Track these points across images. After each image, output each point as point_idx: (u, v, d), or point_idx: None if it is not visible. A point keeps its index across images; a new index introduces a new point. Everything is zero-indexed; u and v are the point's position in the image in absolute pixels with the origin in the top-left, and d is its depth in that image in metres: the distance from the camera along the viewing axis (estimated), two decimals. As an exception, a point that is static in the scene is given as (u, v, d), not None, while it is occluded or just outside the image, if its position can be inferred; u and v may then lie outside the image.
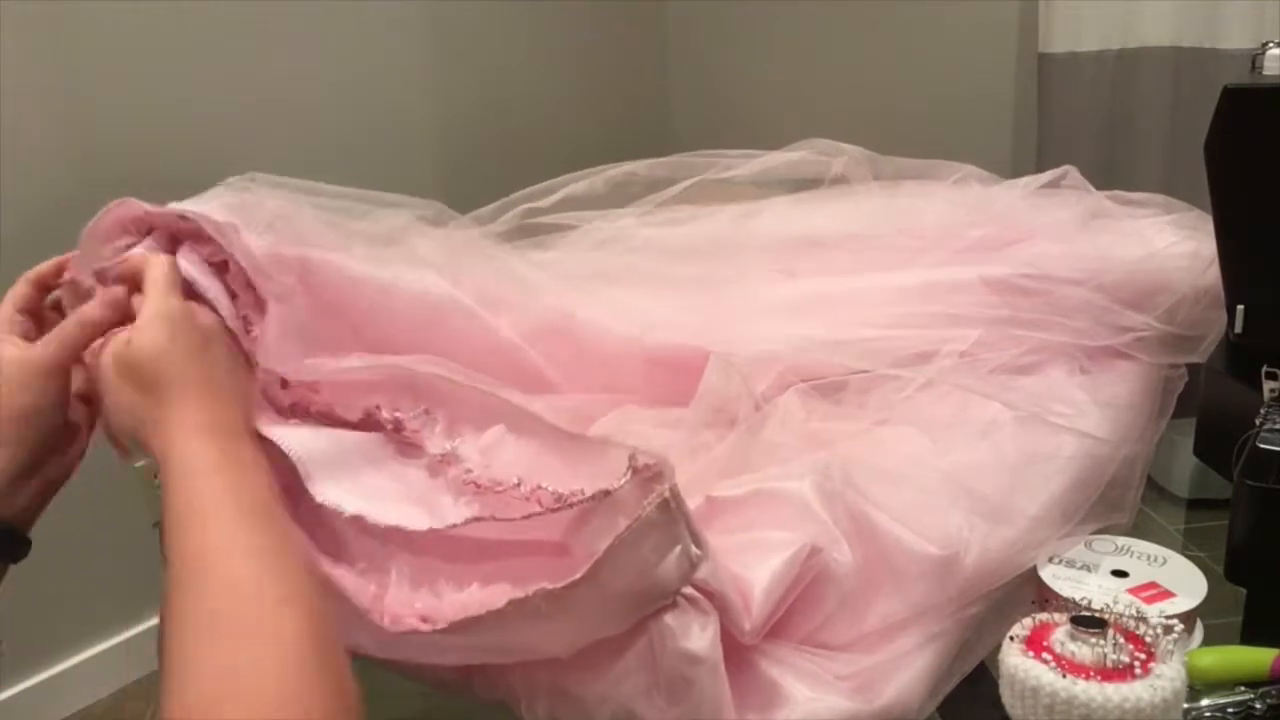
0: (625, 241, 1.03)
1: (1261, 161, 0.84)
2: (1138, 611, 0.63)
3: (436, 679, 0.70)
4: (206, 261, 0.66)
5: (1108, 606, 0.65)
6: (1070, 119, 1.99)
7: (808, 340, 0.87)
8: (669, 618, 0.58)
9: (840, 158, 1.10)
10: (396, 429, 0.66)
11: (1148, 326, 0.92)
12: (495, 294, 0.80)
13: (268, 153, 1.85)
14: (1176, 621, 0.62)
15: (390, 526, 0.61)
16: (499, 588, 0.58)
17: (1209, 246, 0.92)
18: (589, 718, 0.61)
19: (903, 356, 0.88)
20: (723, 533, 0.66)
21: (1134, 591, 0.71)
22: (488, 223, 1.03)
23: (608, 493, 0.56)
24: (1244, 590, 0.76)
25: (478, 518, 0.59)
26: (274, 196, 0.71)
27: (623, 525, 0.55)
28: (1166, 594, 0.71)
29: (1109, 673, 0.59)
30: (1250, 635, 0.71)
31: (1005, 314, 0.92)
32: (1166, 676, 0.58)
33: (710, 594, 0.59)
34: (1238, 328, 0.88)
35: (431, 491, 0.63)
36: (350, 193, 0.81)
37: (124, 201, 0.70)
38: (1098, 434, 0.82)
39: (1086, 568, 0.74)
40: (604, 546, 0.55)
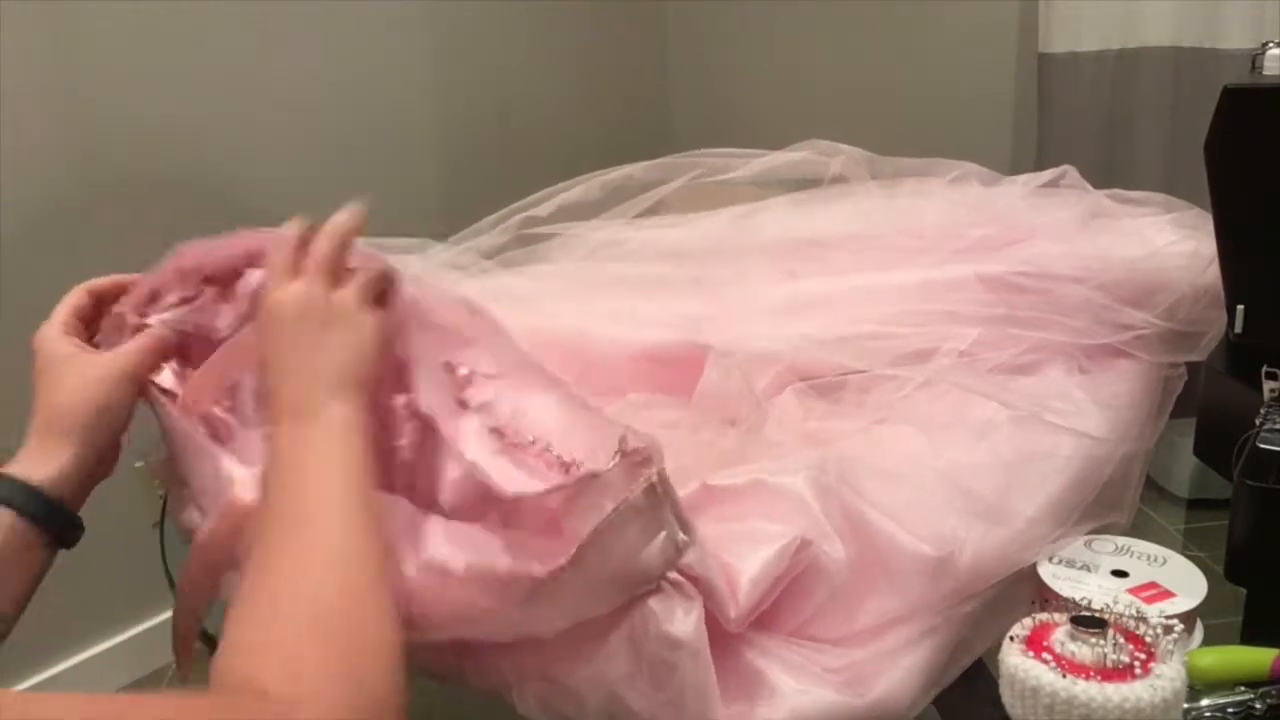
0: (622, 246, 1.03)
1: (1261, 161, 0.84)
2: (1138, 611, 0.63)
3: (429, 665, 0.70)
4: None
5: (1108, 606, 0.65)
6: (1070, 119, 1.99)
7: (806, 339, 0.87)
8: (652, 602, 0.59)
9: (838, 158, 1.10)
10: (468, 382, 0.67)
11: (1147, 324, 0.92)
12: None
13: (267, 153, 1.86)
14: (1176, 621, 0.62)
15: None
16: (496, 555, 0.59)
17: (1209, 245, 0.92)
18: (578, 705, 0.62)
19: (901, 355, 0.88)
20: (716, 521, 0.66)
21: (1134, 591, 0.71)
22: (486, 233, 1.03)
23: (595, 474, 0.57)
24: (1244, 590, 0.76)
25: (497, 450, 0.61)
26: None
27: (609, 508, 0.56)
28: (1166, 594, 0.71)
29: (1109, 673, 0.59)
30: (1250, 635, 0.71)
31: (1003, 312, 0.92)
32: (1167, 676, 0.58)
33: (695, 580, 0.60)
34: (1238, 328, 0.88)
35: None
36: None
37: (182, 253, 0.74)
38: (1096, 433, 0.82)
39: (1086, 567, 0.74)
40: (589, 529, 0.56)
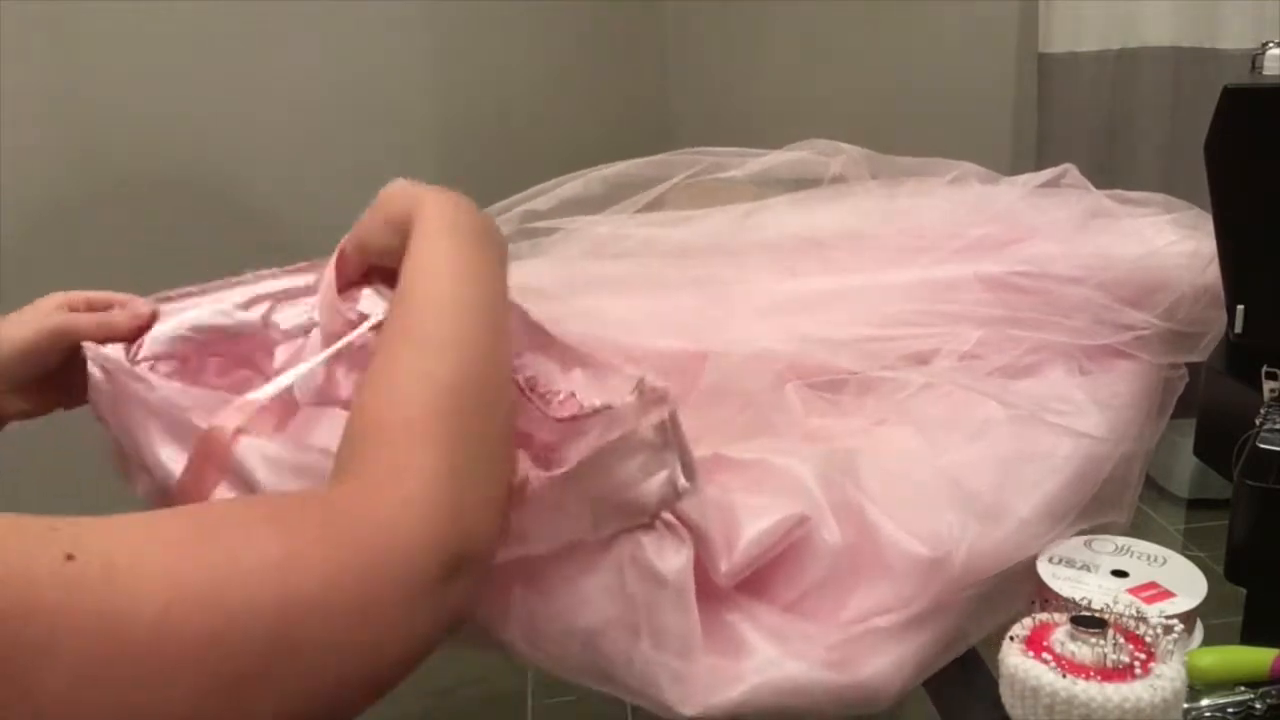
0: (620, 244, 1.03)
1: (1261, 161, 0.84)
2: (1138, 611, 0.63)
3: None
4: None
5: (1108, 606, 0.65)
6: (1070, 119, 1.99)
7: (806, 339, 0.87)
8: (643, 535, 0.60)
9: (839, 157, 1.10)
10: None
11: (1148, 324, 0.92)
12: None
13: (267, 153, 1.85)
14: (1176, 622, 0.62)
15: None
16: None
17: (1209, 245, 0.92)
18: (560, 644, 0.63)
19: (903, 356, 0.88)
20: (721, 486, 0.68)
21: (1134, 591, 0.71)
22: None
23: (610, 407, 0.58)
24: (1244, 590, 0.76)
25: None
26: None
27: (615, 435, 0.57)
28: (1166, 594, 0.71)
29: (1109, 673, 0.59)
30: (1250, 635, 0.71)
31: (1004, 313, 0.92)
32: (1167, 676, 0.58)
33: (690, 526, 0.61)
34: (1238, 328, 0.88)
35: None
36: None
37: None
38: (1095, 433, 0.82)
39: (1086, 567, 0.74)
40: (592, 450, 0.57)
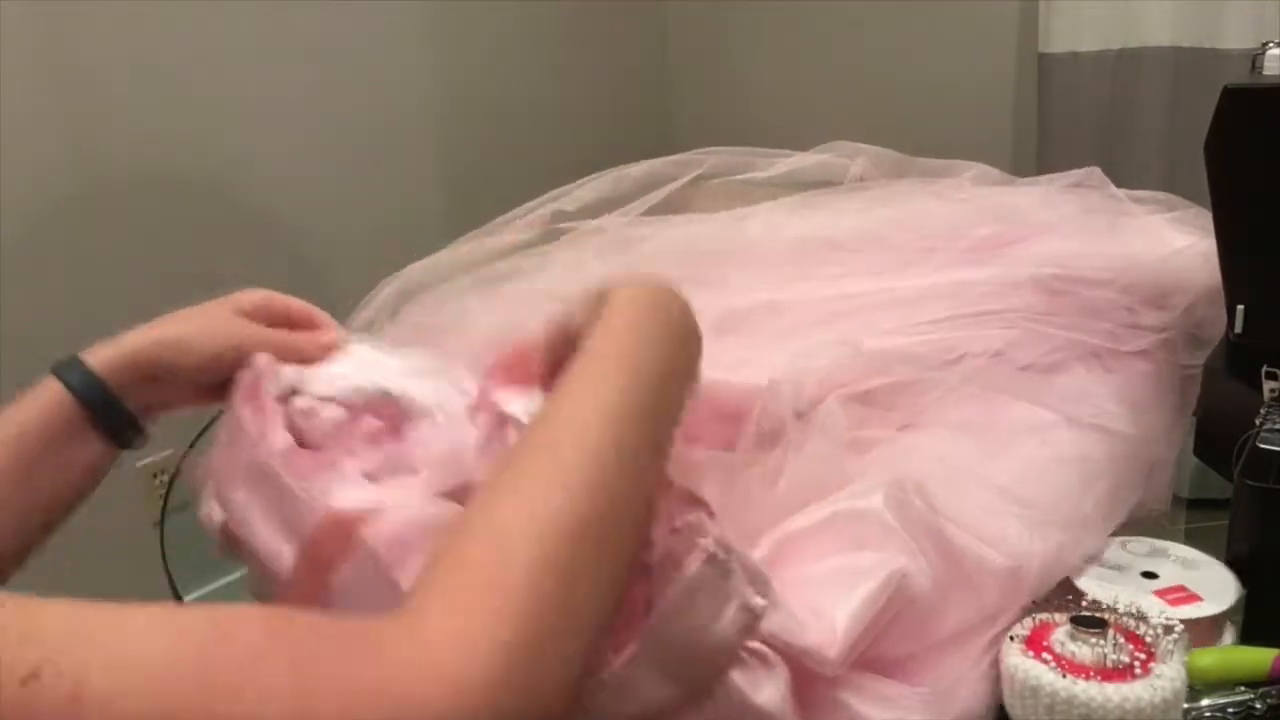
0: (636, 247, 1.03)
1: (1261, 161, 0.83)
2: (1138, 611, 0.63)
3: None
4: None
5: (1109, 606, 0.65)
6: (1070, 119, 1.99)
7: (848, 349, 0.85)
8: (735, 675, 0.55)
9: (859, 159, 1.11)
10: None
11: (1171, 325, 0.92)
12: None
13: (267, 154, 1.86)
14: (1177, 623, 0.62)
15: None
16: None
17: (1213, 244, 0.92)
18: None
19: (945, 360, 0.87)
20: (803, 565, 0.63)
21: (1160, 594, 0.71)
22: (499, 229, 1.03)
23: (647, 567, 0.53)
24: (1244, 590, 0.76)
25: None
26: None
27: (670, 585, 0.52)
28: (1193, 597, 0.70)
29: (1109, 673, 0.59)
30: (1250, 635, 0.71)
31: (1040, 315, 0.92)
32: (1167, 677, 0.58)
33: (777, 646, 0.56)
34: (1238, 328, 0.88)
35: None
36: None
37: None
38: (1132, 433, 0.83)
39: (1118, 568, 0.73)
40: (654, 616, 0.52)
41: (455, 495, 0.60)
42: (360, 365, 0.69)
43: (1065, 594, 0.69)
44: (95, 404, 0.64)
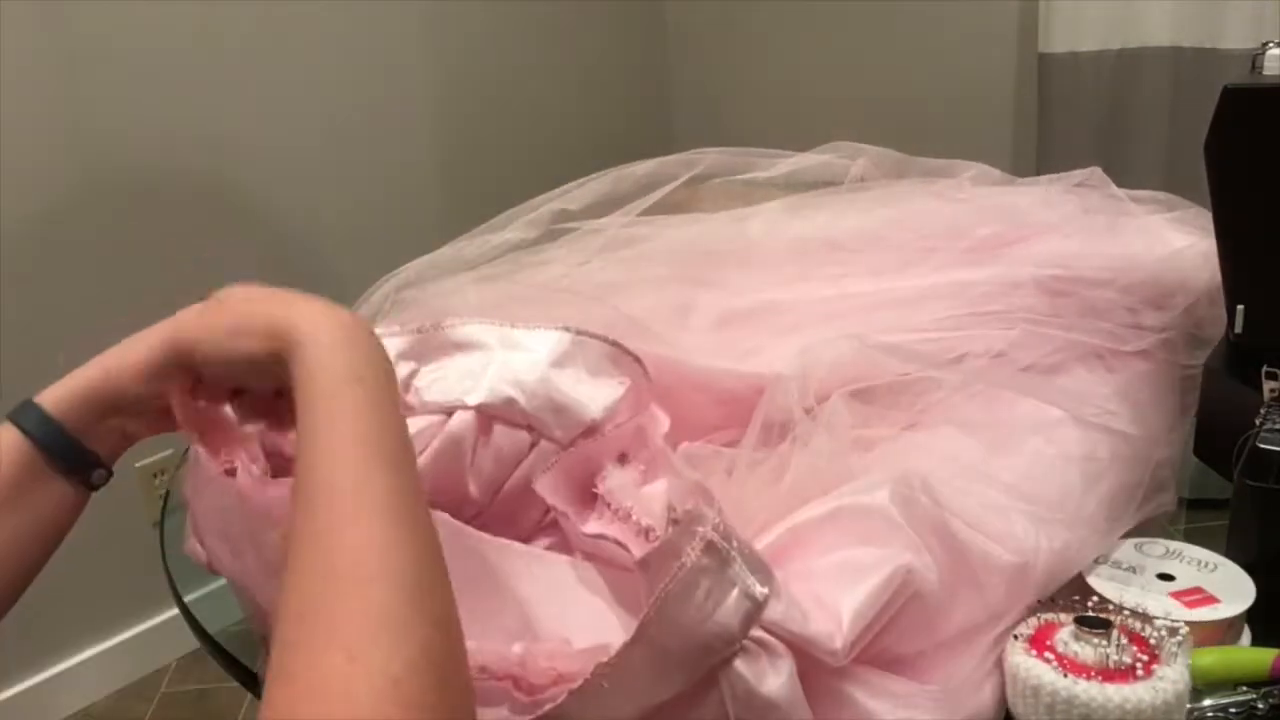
0: (636, 247, 1.03)
1: (1261, 161, 0.83)
2: (1143, 612, 0.63)
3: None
4: None
5: (1115, 606, 0.65)
6: (1070, 119, 1.99)
7: (853, 344, 0.85)
8: (739, 664, 0.54)
9: (860, 159, 1.11)
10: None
11: (1171, 325, 0.92)
12: None
13: (267, 154, 1.86)
14: (1182, 624, 0.62)
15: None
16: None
17: (1214, 244, 0.92)
18: None
19: (949, 358, 0.87)
20: (808, 559, 0.63)
21: (1177, 595, 0.70)
22: (510, 226, 1.03)
23: (646, 560, 0.53)
24: (1245, 591, 0.76)
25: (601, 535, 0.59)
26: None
27: (667, 578, 0.52)
28: (1211, 599, 0.70)
29: (1110, 673, 0.59)
30: (1251, 635, 0.71)
31: (1041, 315, 0.92)
32: (1169, 679, 0.58)
33: (782, 635, 0.56)
34: (1238, 328, 0.88)
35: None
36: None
37: None
38: (1136, 432, 0.83)
39: (1133, 569, 0.73)
40: (651, 603, 0.52)
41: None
42: None
43: (1078, 594, 0.69)
44: (53, 447, 0.63)
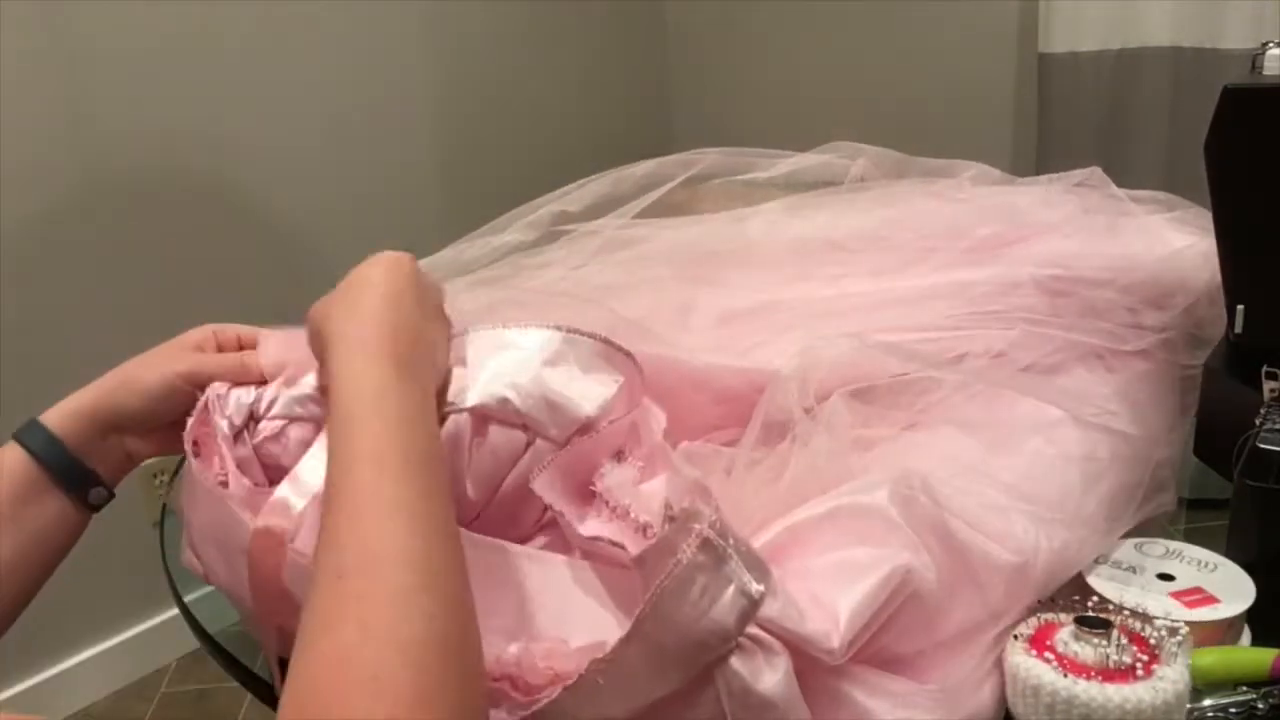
0: (635, 248, 1.03)
1: (1261, 161, 0.83)
2: (1143, 612, 0.63)
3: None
4: None
5: (1115, 606, 0.65)
6: (1070, 119, 1.99)
7: (853, 344, 0.84)
8: (735, 662, 0.54)
9: (860, 159, 1.11)
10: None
11: (1171, 325, 0.92)
12: None
13: (267, 155, 1.86)
14: (1182, 625, 0.62)
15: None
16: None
17: (1214, 244, 0.92)
18: None
19: (949, 358, 0.87)
20: (806, 558, 0.63)
21: (1177, 595, 0.70)
22: (511, 228, 1.03)
23: (642, 558, 0.53)
24: (1245, 590, 0.76)
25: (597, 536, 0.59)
26: None
27: (662, 575, 0.52)
28: (1211, 599, 0.70)
29: (1110, 673, 0.59)
30: (1252, 635, 0.71)
31: (1042, 315, 0.92)
32: (1169, 679, 0.58)
33: (778, 632, 0.55)
34: (1238, 328, 0.88)
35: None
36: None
37: None
38: (1136, 432, 0.82)
39: (1133, 569, 0.73)
40: (647, 599, 0.52)
41: None
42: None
43: (1078, 594, 0.69)
44: (54, 465, 0.64)
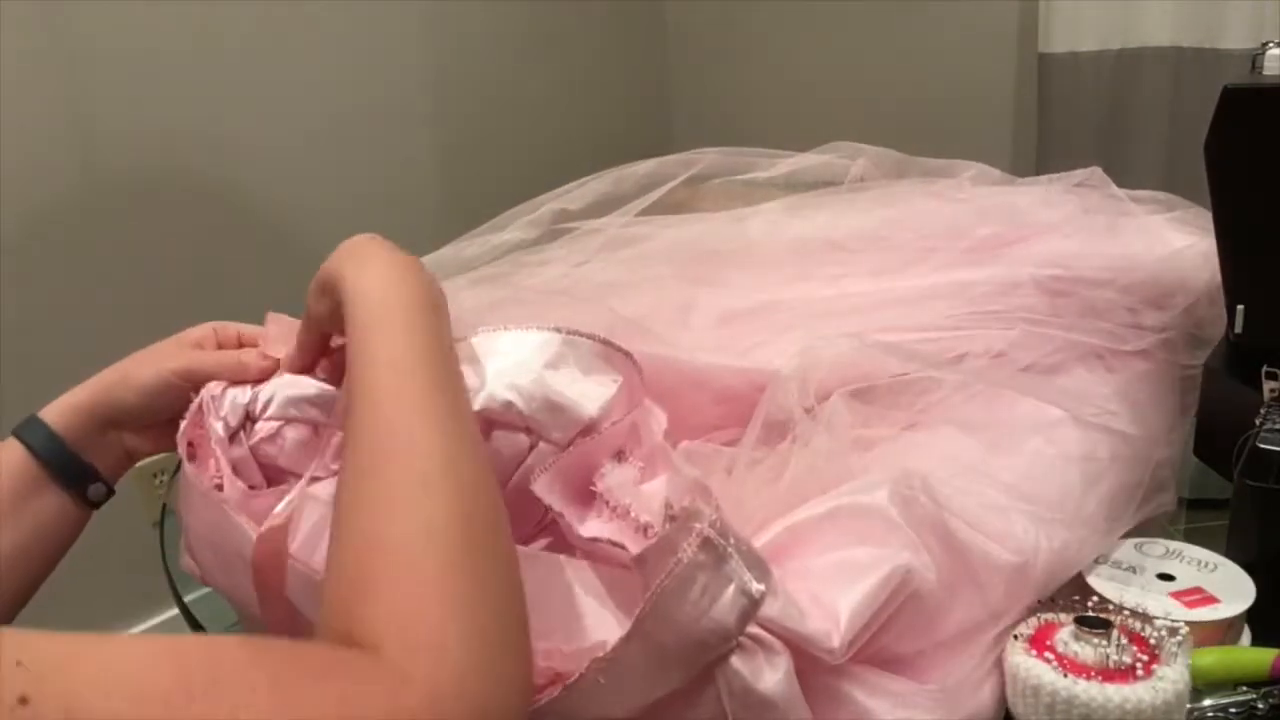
0: (638, 245, 1.03)
1: (1261, 161, 0.84)
2: (1143, 612, 0.63)
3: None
4: None
5: (1115, 606, 0.65)
6: (1070, 119, 1.99)
7: (854, 344, 0.84)
8: (735, 661, 0.54)
9: (860, 159, 1.11)
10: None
11: (1171, 325, 0.92)
12: None
13: (267, 155, 1.85)
14: (1182, 625, 0.62)
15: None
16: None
17: (1214, 244, 0.92)
18: None
19: (949, 358, 0.87)
20: (806, 558, 0.63)
21: (1177, 595, 0.70)
22: (512, 226, 1.03)
23: (643, 558, 0.53)
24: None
25: (596, 538, 0.58)
26: None
27: (662, 574, 0.52)
28: (1211, 599, 0.70)
29: (1110, 673, 0.59)
30: (1252, 635, 0.71)
31: (1042, 315, 0.92)
32: (1169, 679, 0.58)
33: (778, 631, 0.55)
34: (1238, 328, 0.88)
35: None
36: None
37: None
38: (1136, 432, 0.83)
39: (1133, 569, 0.73)
40: (647, 598, 0.52)
41: None
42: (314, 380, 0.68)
43: (1078, 594, 0.69)
44: (54, 462, 0.65)
